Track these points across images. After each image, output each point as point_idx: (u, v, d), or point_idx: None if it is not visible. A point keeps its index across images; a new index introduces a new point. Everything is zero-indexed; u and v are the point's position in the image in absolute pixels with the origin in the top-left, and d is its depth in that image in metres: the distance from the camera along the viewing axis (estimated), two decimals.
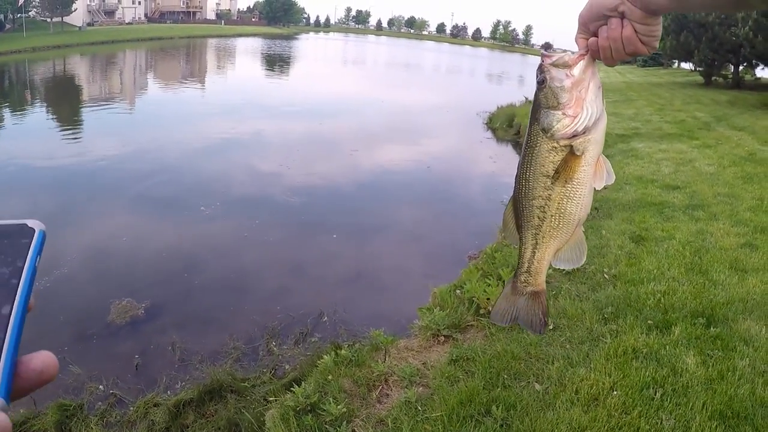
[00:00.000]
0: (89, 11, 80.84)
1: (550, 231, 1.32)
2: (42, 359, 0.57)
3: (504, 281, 5.19)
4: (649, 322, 4.75)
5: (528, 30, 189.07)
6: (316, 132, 17.86)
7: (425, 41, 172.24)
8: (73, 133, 16.67)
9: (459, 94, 35.57)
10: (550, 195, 1.28)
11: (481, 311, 5.00)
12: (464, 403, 3.71)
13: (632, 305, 5.04)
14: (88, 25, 75.05)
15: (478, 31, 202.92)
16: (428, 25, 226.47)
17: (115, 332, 5.96)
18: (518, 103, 23.58)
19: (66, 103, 23.10)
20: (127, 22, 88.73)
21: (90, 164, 12.57)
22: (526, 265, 1.37)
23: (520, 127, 18.12)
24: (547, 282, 4.39)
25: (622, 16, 1.13)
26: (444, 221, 10.52)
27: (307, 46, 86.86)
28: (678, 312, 4.92)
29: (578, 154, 1.23)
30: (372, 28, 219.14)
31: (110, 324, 6.08)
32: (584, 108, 1.21)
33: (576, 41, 1.25)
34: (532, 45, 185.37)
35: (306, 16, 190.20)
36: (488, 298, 4.96)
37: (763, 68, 31.41)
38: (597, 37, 1.19)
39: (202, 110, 20.76)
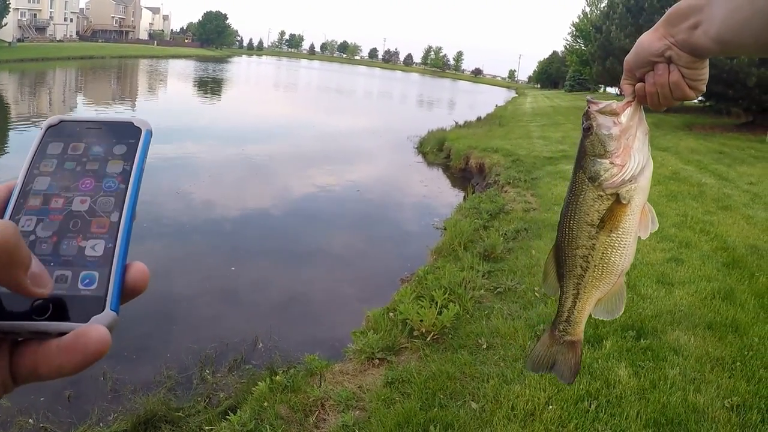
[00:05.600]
0: (20, 26, 78.77)
1: (592, 281, 1.28)
2: (136, 270, 0.56)
3: (437, 303, 5.27)
4: None
5: (459, 56, 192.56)
6: (245, 156, 17.72)
7: (357, 66, 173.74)
8: None
9: (390, 119, 35.92)
10: (594, 244, 1.25)
11: (415, 333, 5.05)
12: (402, 424, 3.74)
13: None
14: (18, 41, 72.82)
15: (409, 56, 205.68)
16: (360, 50, 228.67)
17: None
18: (448, 127, 23.95)
19: None
20: (58, 39, 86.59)
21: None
22: (565, 314, 1.34)
23: (450, 151, 18.40)
24: (478, 301, 4.45)
25: (669, 61, 1.12)
26: (376, 245, 10.58)
27: (239, 70, 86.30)
28: (608, 326, 5.06)
29: (624, 202, 1.20)
30: (305, 52, 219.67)
31: None
32: (632, 156, 1.19)
33: (622, 87, 1.23)
34: (463, 71, 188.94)
35: (239, 38, 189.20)
36: (421, 320, 5.02)
37: None
38: (643, 82, 1.18)
39: None
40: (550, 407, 3.90)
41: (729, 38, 1.00)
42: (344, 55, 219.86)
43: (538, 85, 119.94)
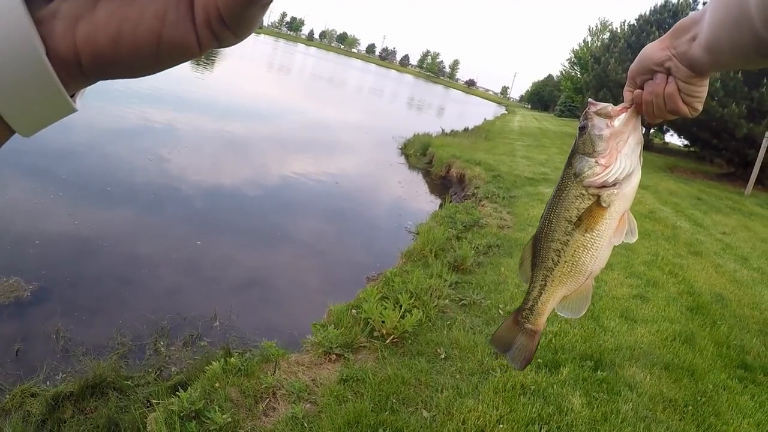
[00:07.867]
0: None
1: (560, 276, 1.32)
2: None
3: (401, 306, 5.25)
4: (539, 360, 4.89)
5: (455, 64, 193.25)
6: (226, 132, 17.51)
7: (353, 59, 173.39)
8: None
9: (378, 116, 35.85)
10: (568, 240, 1.28)
11: (375, 333, 5.02)
12: (351, 423, 3.71)
13: None
14: None
15: (406, 57, 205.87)
16: (359, 44, 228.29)
17: None
18: (434, 133, 23.94)
19: None
20: None
21: None
22: (530, 303, 1.37)
23: (433, 157, 18.42)
24: (442, 311, 4.43)
25: (669, 72, 1.13)
26: (346, 239, 10.52)
27: (234, 45, 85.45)
28: (567, 353, 5.10)
29: (604, 205, 1.23)
30: (303, 37, 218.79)
31: None
32: (618, 160, 1.22)
33: (623, 93, 1.26)
34: (457, 80, 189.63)
35: None
36: (383, 321, 4.98)
37: (672, 134, 33.18)
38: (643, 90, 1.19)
39: (115, 94, 20.08)
40: (501, 426, 3.90)
41: (713, 44, 1.01)
42: (342, 46, 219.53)
43: (529, 106, 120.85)
